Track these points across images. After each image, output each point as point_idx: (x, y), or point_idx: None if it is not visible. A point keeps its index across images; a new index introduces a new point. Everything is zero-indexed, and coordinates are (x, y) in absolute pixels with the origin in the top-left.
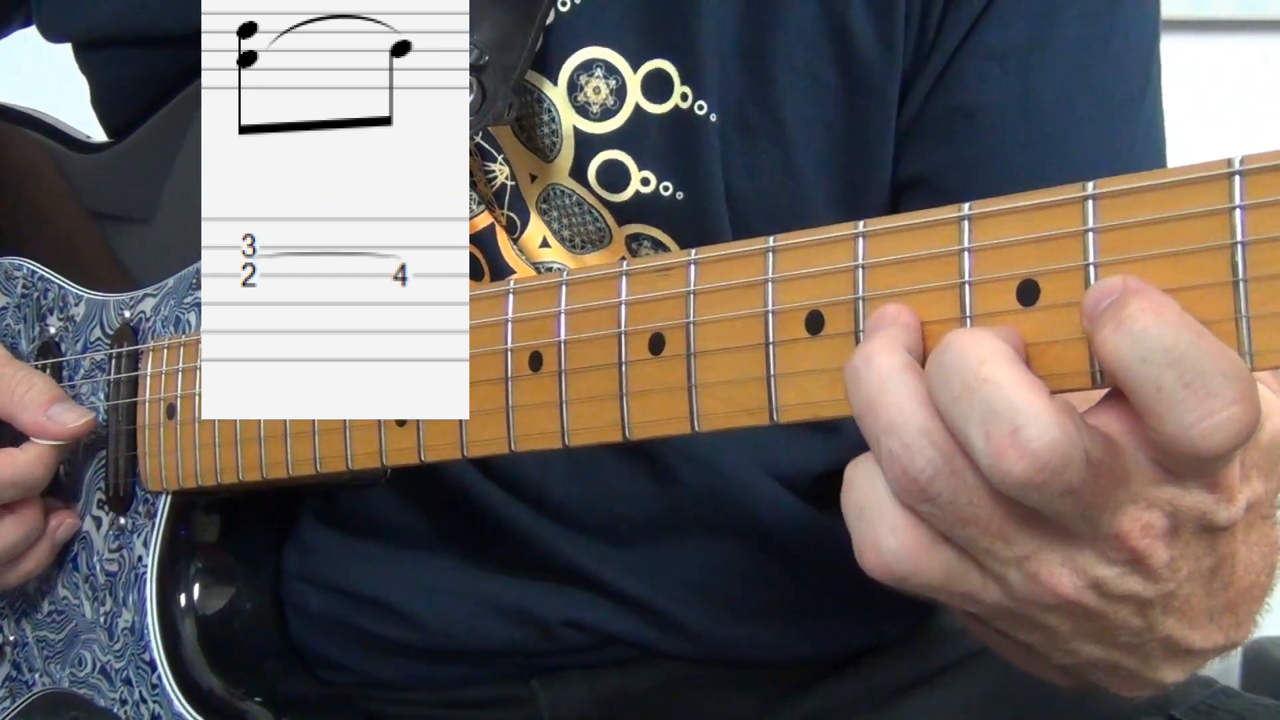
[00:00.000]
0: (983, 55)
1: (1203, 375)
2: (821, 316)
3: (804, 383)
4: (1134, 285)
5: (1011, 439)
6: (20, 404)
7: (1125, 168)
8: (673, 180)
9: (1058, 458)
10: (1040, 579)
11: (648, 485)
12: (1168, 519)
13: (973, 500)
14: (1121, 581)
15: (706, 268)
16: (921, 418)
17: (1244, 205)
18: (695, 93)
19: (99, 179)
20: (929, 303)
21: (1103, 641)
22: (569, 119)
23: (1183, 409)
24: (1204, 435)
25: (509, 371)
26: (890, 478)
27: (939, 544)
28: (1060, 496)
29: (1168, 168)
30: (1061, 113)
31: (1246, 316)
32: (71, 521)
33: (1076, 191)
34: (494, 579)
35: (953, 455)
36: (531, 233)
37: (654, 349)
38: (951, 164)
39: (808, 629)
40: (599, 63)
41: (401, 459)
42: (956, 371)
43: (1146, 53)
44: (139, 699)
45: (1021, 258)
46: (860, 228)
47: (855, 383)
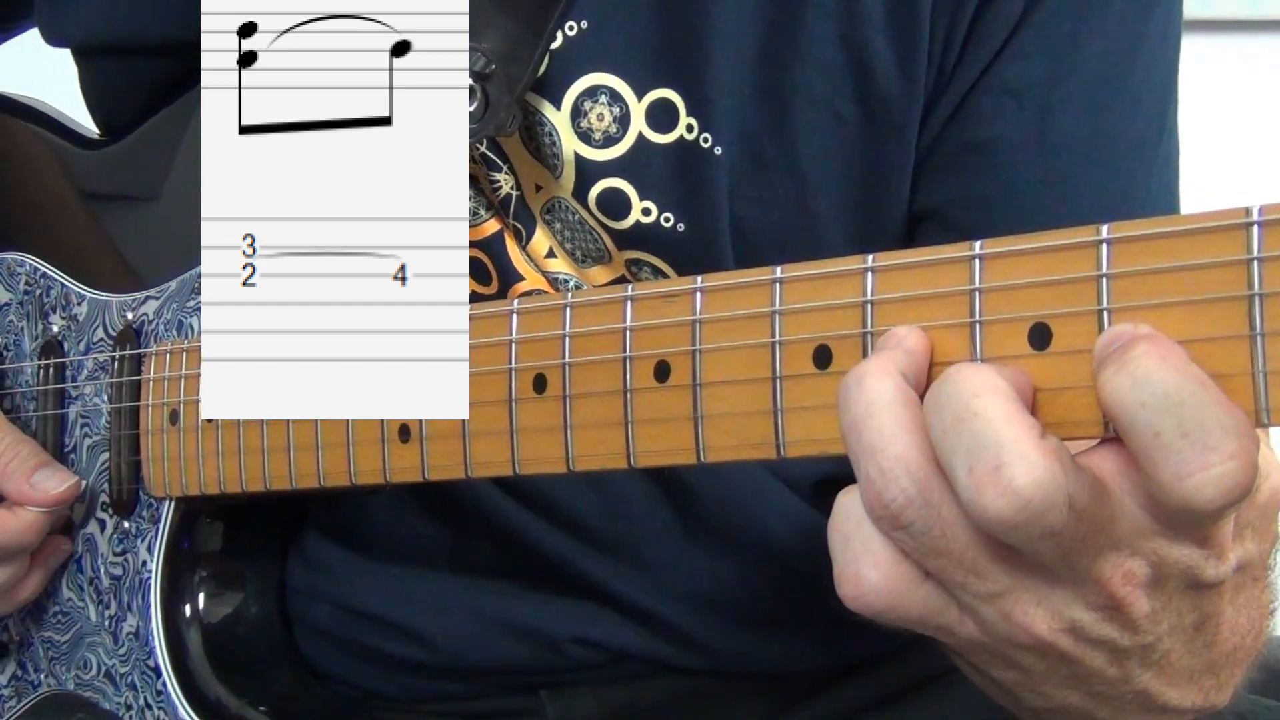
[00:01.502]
0: (1000, 90)
1: (1202, 426)
2: (829, 351)
3: (811, 418)
4: (1143, 331)
5: (994, 475)
6: (4, 472)
7: (1140, 210)
8: (674, 211)
9: (1039, 499)
10: (1014, 617)
11: (659, 492)
12: (1151, 569)
13: (946, 533)
14: (1098, 627)
15: (712, 296)
16: (902, 444)
17: (1262, 258)
18: (701, 124)
19: (101, 176)
20: (939, 341)
21: (1077, 688)
22: (570, 144)
23: (1179, 459)
24: (1197, 488)
25: (513, 393)
26: (865, 502)
27: (920, 580)
28: (1040, 538)
29: (1184, 214)
30: (1077, 152)
31: (1264, 371)
32: (66, 548)
33: (1090, 234)
34: (502, 595)
35: (928, 485)
36: (538, 242)
37: (659, 377)
38: (964, 198)
39: (816, 638)
40: (604, 89)
41: (405, 477)
42: (950, 402)
43: (1165, 91)
44: (144, 704)
45: (1034, 300)
46: (869, 262)
47: (844, 402)
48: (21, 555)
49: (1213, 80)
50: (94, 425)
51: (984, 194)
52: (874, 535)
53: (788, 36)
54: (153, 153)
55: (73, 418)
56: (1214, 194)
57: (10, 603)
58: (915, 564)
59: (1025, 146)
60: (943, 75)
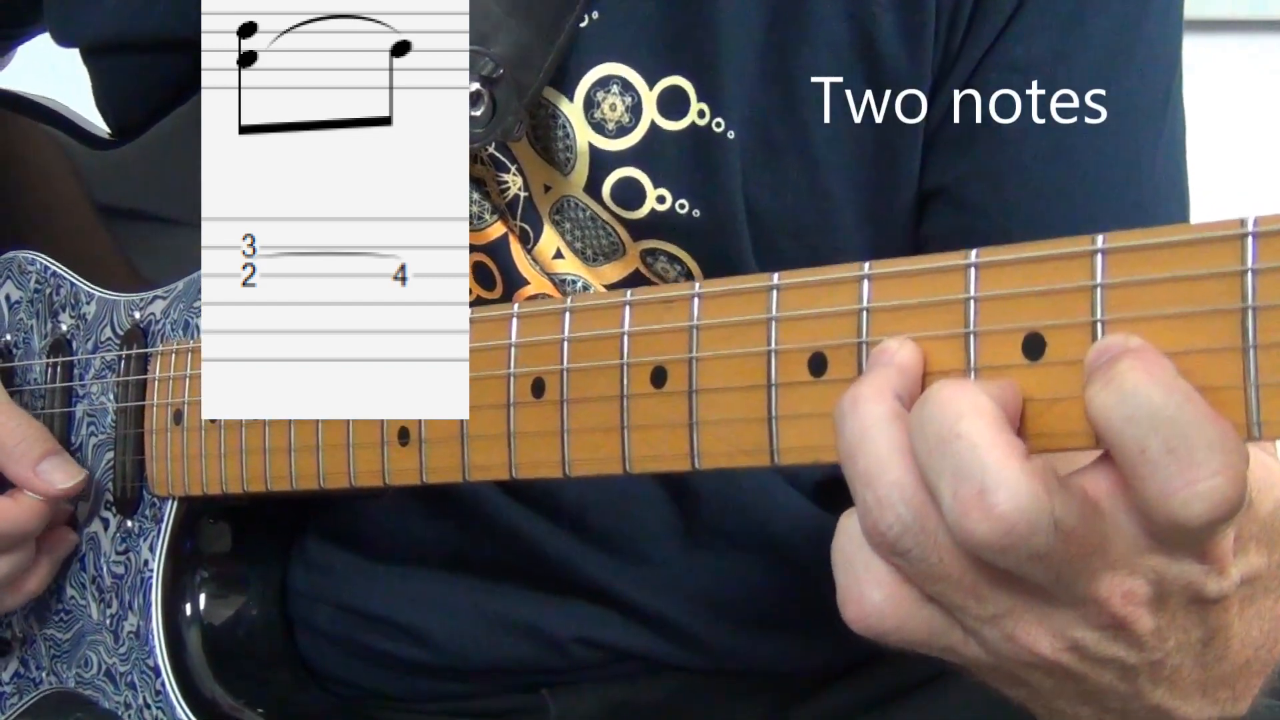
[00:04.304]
0: (1006, 67)
1: (1188, 442)
2: (825, 359)
3: (805, 426)
4: (1134, 344)
5: (977, 499)
6: (10, 455)
7: (1147, 183)
8: (689, 198)
9: (1024, 523)
10: (1017, 638)
11: (662, 493)
12: (1152, 587)
13: (943, 558)
14: (1103, 646)
15: (710, 302)
16: (897, 471)
17: (1256, 269)
18: (713, 110)
19: (112, 176)
20: (933, 350)
21: (1089, 704)
22: (584, 136)
23: (1165, 474)
24: (1184, 504)
25: (511, 397)
26: (864, 530)
27: (923, 602)
28: (1028, 560)
29: (1178, 225)
30: (1083, 126)
31: (1256, 384)
32: (71, 539)
33: (1085, 245)
34: (505, 596)
35: (923, 512)
36: (545, 243)
37: (656, 382)
38: (972, 174)
39: (818, 638)
40: (615, 79)
41: (404, 479)
42: (934, 424)
43: (1169, 65)
44: (143, 704)
45: (1028, 310)
46: (865, 269)
47: (840, 426)
48: (25, 543)
49: (1213, 80)
50: (100, 424)
51: (992, 169)
52: (875, 557)
53: (794, 18)
54: (163, 155)
55: (79, 416)
56: (1214, 194)
57: (18, 594)
58: (917, 586)
59: (1031, 122)
60: (949, 54)
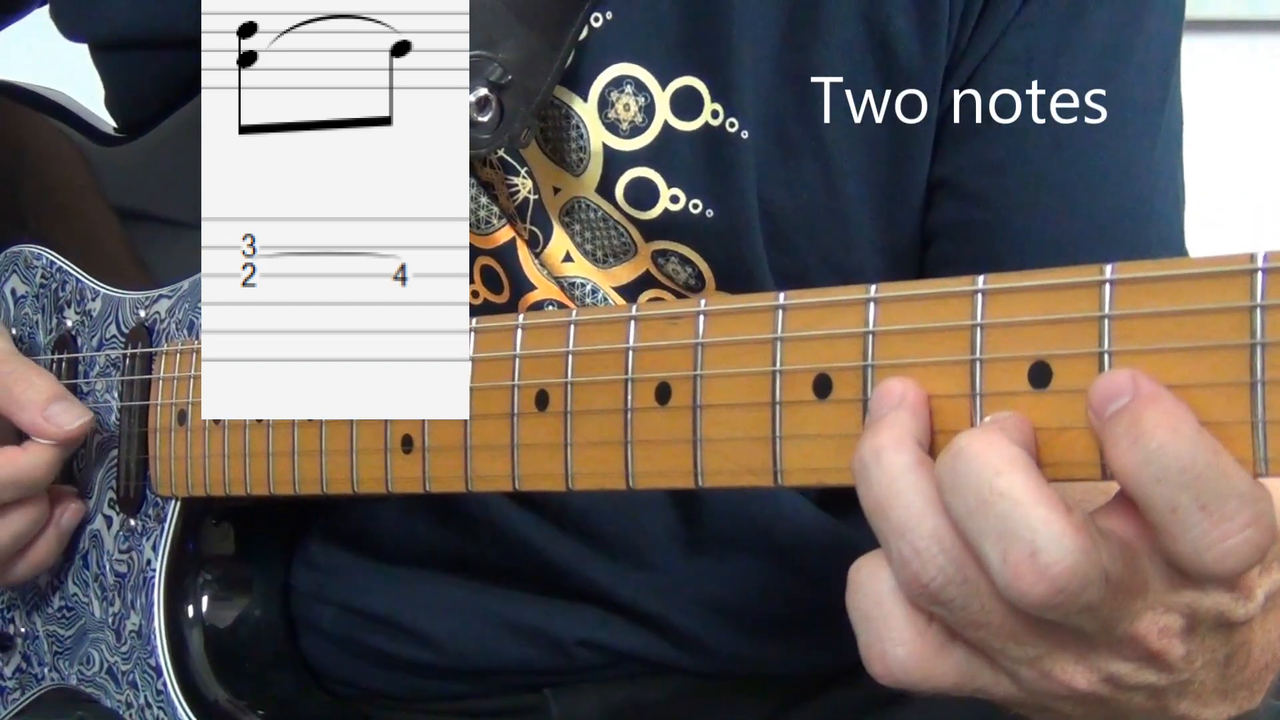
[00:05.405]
0: (1009, 59)
1: (1219, 498)
2: (830, 380)
3: (809, 447)
4: (1146, 390)
5: (1030, 562)
6: (18, 402)
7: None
8: (703, 198)
9: (1077, 581)
10: (1054, 676)
11: (666, 498)
12: (1185, 620)
13: (985, 606)
14: (1137, 675)
15: (715, 320)
16: (933, 523)
17: (1265, 305)
18: (726, 110)
19: (119, 173)
20: (938, 376)
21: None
22: (598, 136)
23: (1198, 531)
24: (1218, 560)
25: (515, 408)
26: (901, 581)
27: (948, 647)
28: (1079, 613)
29: (1188, 258)
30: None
31: (1263, 421)
32: (77, 506)
33: (1094, 274)
34: (508, 598)
35: (965, 563)
36: (554, 247)
37: (660, 399)
38: (975, 166)
39: (821, 640)
40: (629, 79)
41: (407, 487)
42: (971, 483)
43: (1168, 61)
44: (144, 703)
45: (1035, 338)
46: (871, 292)
47: (864, 479)
48: (39, 498)
49: (1213, 80)
50: (104, 422)
51: (994, 161)
52: (894, 611)
53: (809, 17)
54: (169, 153)
55: None
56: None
57: (28, 565)
58: (940, 630)
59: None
60: (958, 49)
